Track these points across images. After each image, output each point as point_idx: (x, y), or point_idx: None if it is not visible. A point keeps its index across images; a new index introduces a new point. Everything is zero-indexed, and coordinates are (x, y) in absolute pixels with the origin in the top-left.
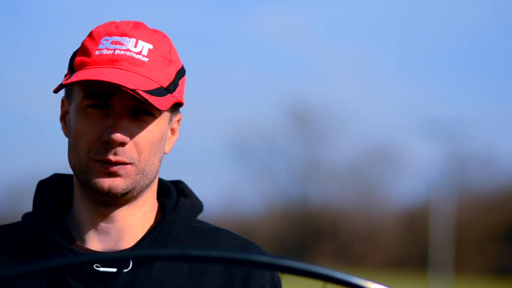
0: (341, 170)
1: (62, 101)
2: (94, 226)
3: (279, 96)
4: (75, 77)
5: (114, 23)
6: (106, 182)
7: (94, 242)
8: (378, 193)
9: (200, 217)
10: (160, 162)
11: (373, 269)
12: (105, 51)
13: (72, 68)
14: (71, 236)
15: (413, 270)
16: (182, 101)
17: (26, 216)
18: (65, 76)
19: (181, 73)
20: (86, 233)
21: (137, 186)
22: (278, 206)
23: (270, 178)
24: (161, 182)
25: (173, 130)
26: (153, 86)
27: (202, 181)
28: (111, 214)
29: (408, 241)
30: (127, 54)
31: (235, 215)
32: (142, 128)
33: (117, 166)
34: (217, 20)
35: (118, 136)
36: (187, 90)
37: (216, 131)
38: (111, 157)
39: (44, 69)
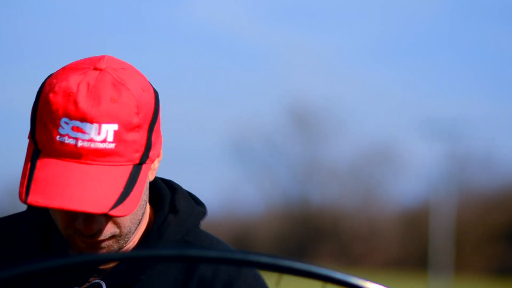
0: (341, 170)
1: (28, 137)
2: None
3: (279, 96)
4: (41, 195)
5: (72, 95)
6: None
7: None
8: (378, 193)
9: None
10: (147, 198)
11: (373, 269)
12: (67, 139)
13: (35, 141)
14: (64, 244)
15: (413, 270)
16: (157, 154)
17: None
18: (30, 140)
19: (153, 122)
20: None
21: (123, 245)
22: (278, 206)
23: (270, 178)
24: (158, 189)
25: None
26: (125, 173)
27: (202, 181)
28: None
29: (408, 241)
30: (92, 146)
31: (235, 215)
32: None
33: (101, 242)
34: (217, 20)
35: (92, 230)
36: (188, 90)
37: (216, 131)
38: (89, 240)
39: (44, 69)
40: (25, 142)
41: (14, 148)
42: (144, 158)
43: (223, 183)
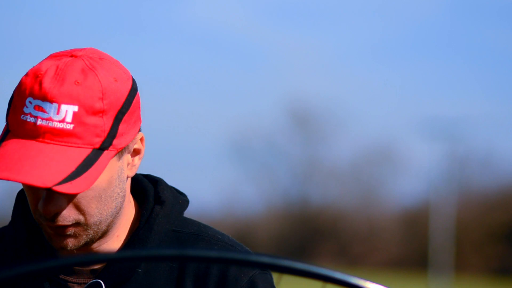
0: (341, 170)
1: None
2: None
3: (279, 96)
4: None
5: (40, 76)
6: (57, 243)
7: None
8: (378, 193)
9: (201, 216)
10: (123, 192)
11: (373, 269)
12: (28, 118)
13: (7, 121)
14: (50, 247)
15: (413, 270)
16: (125, 143)
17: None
18: (5, 122)
19: (123, 111)
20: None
21: (94, 236)
22: (278, 206)
23: (270, 178)
24: (141, 184)
25: (135, 151)
26: (81, 155)
27: (202, 181)
28: (84, 248)
29: (408, 241)
30: (50, 124)
31: (235, 215)
32: (75, 193)
33: (66, 228)
34: (217, 20)
35: (50, 210)
36: (188, 90)
37: (216, 131)
38: (51, 224)
39: None
40: None
41: None
42: (106, 144)
43: (223, 183)
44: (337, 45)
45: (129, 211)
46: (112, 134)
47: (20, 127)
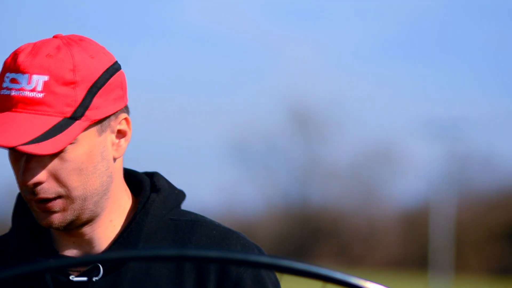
0: (341, 170)
1: None
2: (66, 240)
3: (279, 96)
4: None
5: (18, 53)
6: (44, 220)
7: (69, 253)
8: (378, 193)
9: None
10: (108, 172)
11: (373, 269)
12: (5, 92)
13: None
14: (53, 248)
15: (413, 270)
16: (101, 117)
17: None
18: None
19: (97, 85)
20: (62, 245)
21: (82, 212)
22: (279, 206)
23: (271, 178)
24: (136, 177)
25: (120, 133)
26: (51, 122)
27: (202, 181)
28: (77, 232)
29: (408, 241)
30: (21, 94)
31: (236, 215)
32: (56, 161)
33: (49, 203)
34: (217, 20)
35: (27, 181)
36: (188, 90)
37: (217, 132)
38: (33, 197)
39: None
40: None
41: None
42: (77, 114)
43: (224, 183)
44: (337, 46)
45: (123, 198)
46: (85, 105)
47: (0, 100)
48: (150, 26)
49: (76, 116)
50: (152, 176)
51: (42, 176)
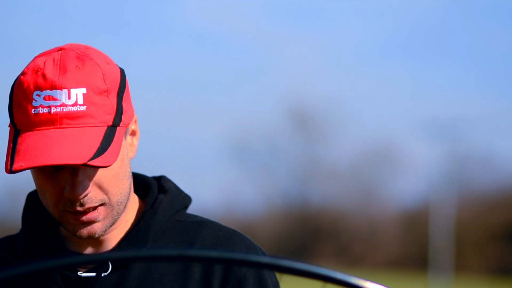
0: (341, 170)
1: (9, 129)
2: (78, 240)
3: (279, 96)
4: (23, 161)
5: (40, 70)
6: (84, 231)
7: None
8: (378, 193)
9: (201, 215)
10: (130, 173)
11: (373, 269)
12: (41, 110)
13: (14, 123)
14: (65, 247)
15: (413, 270)
16: (130, 120)
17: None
18: (10, 127)
19: (121, 90)
20: (74, 244)
21: (116, 218)
22: (278, 206)
23: (270, 178)
24: (144, 179)
25: (133, 133)
26: (100, 133)
27: (202, 181)
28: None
29: (408, 241)
30: (64, 110)
31: (236, 215)
32: (100, 170)
33: (90, 214)
34: (217, 20)
35: (77, 194)
36: (188, 90)
37: (217, 132)
38: (79, 209)
39: None
40: None
41: None
42: (117, 120)
43: (224, 183)
44: (337, 46)
45: (134, 199)
46: (119, 111)
47: (34, 120)
48: (150, 26)
49: (116, 123)
50: (159, 179)
51: (89, 187)
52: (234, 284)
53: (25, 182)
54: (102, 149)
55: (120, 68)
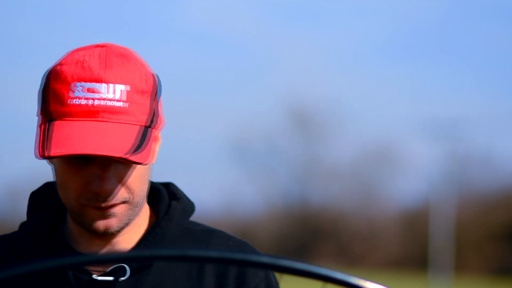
0: (341, 170)
1: (40, 118)
2: (88, 242)
3: (279, 96)
4: (62, 147)
5: (81, 62)
6: (101, 225)
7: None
8: (378, 193)
9: (201, 216)
10: (150, 177)
11: (373, 269)
12: (82, 101)
13: (47, 113)
14: (71, 247)
15: (413, 270)
16: (162, 124)
17: (23, 227)
18: (41, 116)
19: (154, 92)
20: (84, 246)
21: (132, 218)
22: (278, 206)
23: (270, 178)
24: (153, 186)
25: (157, 139)
26: (135, 131)
27: (202, 181)
28: (108, 238)
29: (408, 241)
30: (107, 104)
31: (236, 215)
32: (128, 169)
33: (113, 208)
34: (217, 20)
35: (107, 188)
36: (188, 90)
37: (217, 132)
38: (103, 204)
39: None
40: (25, 142)
41: (14, 148)
42: (151, 122)
43: (223, 183)
44: (337, 46)
45: (146, 205)
46: (154, 113)
47: (72, 110)
48: (150, 26)
49: (150, 124)
50: (168, 186)
51: (116, 183)
52: None
53: (25, 182)
54: (138, 146)
55: (156, 74)
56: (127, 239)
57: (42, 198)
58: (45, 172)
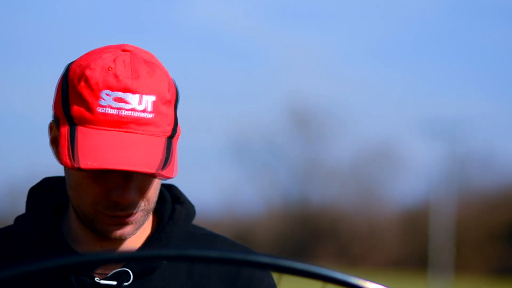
0: (341, 170)
1: (50, 126)
2: (92, 244)
3: (279, 96)
4: (93, 159)
5: (112, 70)
6: (116, 232)
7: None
8: (378, 193)
9: (201, 216)
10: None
11: (373, 269)
12: (109, 110)
13: (70, 117)
14: (70, 247)
15: (413, 270)
16: (180, 133)
17: (19, 220)
18: (60, 117)
19: (177, 101)
20: (87, 248)
21: (143, 224)
22: (278, 206)
23: (270, 178)
24: None
25: None
26: (161, 143)
27: (202, 181)
28: (114, 240)
29: (408, 241)
30: (134, 114)
31: (235, 215)
32: (150, 180)
33: (130, 217)
34: (217, 20)
35: (128, 199)
36: (188, 90)
37: (216, 131)
38: (120, 213)
39: (44, 69)
40: (25, 142)
41: (14, 148)
42: (174, 132)
43: (223, 183)
44: (337, 45)
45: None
46: (176, 122)
47: (99, 119)
48: (150, 26)
49: (173, 135)
50: (170, 188)
51: (138, 193)
52: None
53: (25, 181)
54: (166, 160)
55: (173, 79)
56: (131, 242)
57: (42, 194)
58: (45, 172)
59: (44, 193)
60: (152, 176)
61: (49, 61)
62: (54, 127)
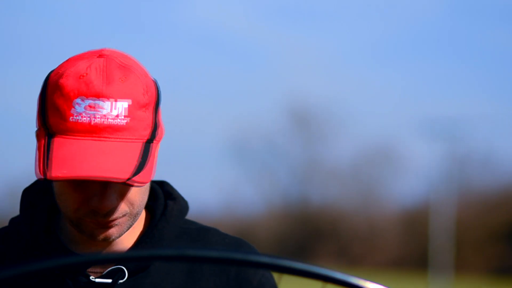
0: (341, 170)
1: (37, 135)
2: (87, 244)
3: (279, 96)
4: (63, 168)
5: (84, 77)
6: (100, 235)
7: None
8: (378, 193)
9: (201, 216)
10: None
11: (373, 269)
12: (81, 118)
13: (47, 125)
14: (66, 247)
15: (413, 270)
16: (162, 135)
17: (14, 222)
18: (40, 131)
19: (157, 103)
20: (82, 248)
21: (132, 225)
22: (278, 206)
23: (270, 178)
24: None
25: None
26: (138, 148)
27: (202, 181)
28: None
29: (408, 241)
30: (106, 121)
31: (235, 215)
32: (127, 185)
33: (110, 223)
34: (217, 20)
35: (107, 206)
36: (188, 90)
37: (216, 131)
38: (101, 220)
39: (44, 69)
40: (25, 142)
41: (14, 148)
42: (153, 136)
43: (223, 183)
44: (337, 45)
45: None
46: (155, 126)
47: (72, 127)
48: (150, 27)
49: (151, 138)
50: (163, 185)
51: (118, 199)
52: None
53: (26, 181)
54: (140, 166)
55: (154, 80)
56: (124, 240)
57: (35, 195)
58: None
59: (38, 194)
60: (123, 183)
61: (49, 61)
62: (39, 131)
